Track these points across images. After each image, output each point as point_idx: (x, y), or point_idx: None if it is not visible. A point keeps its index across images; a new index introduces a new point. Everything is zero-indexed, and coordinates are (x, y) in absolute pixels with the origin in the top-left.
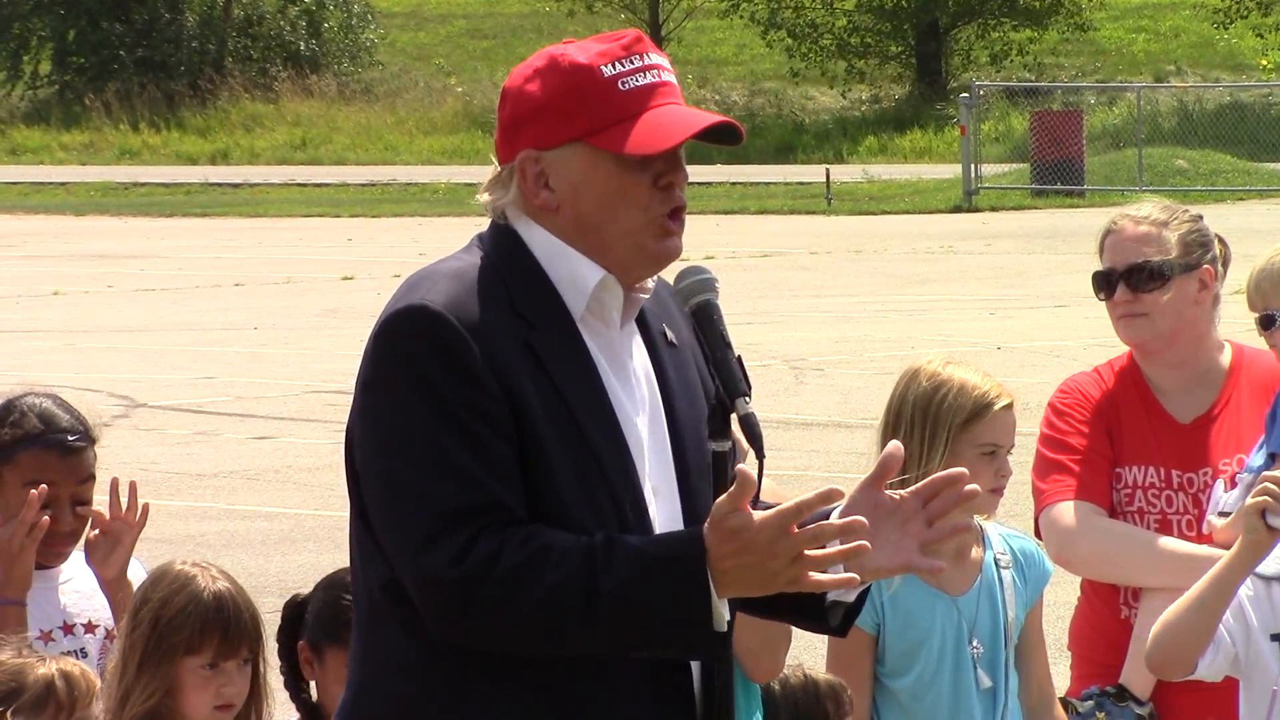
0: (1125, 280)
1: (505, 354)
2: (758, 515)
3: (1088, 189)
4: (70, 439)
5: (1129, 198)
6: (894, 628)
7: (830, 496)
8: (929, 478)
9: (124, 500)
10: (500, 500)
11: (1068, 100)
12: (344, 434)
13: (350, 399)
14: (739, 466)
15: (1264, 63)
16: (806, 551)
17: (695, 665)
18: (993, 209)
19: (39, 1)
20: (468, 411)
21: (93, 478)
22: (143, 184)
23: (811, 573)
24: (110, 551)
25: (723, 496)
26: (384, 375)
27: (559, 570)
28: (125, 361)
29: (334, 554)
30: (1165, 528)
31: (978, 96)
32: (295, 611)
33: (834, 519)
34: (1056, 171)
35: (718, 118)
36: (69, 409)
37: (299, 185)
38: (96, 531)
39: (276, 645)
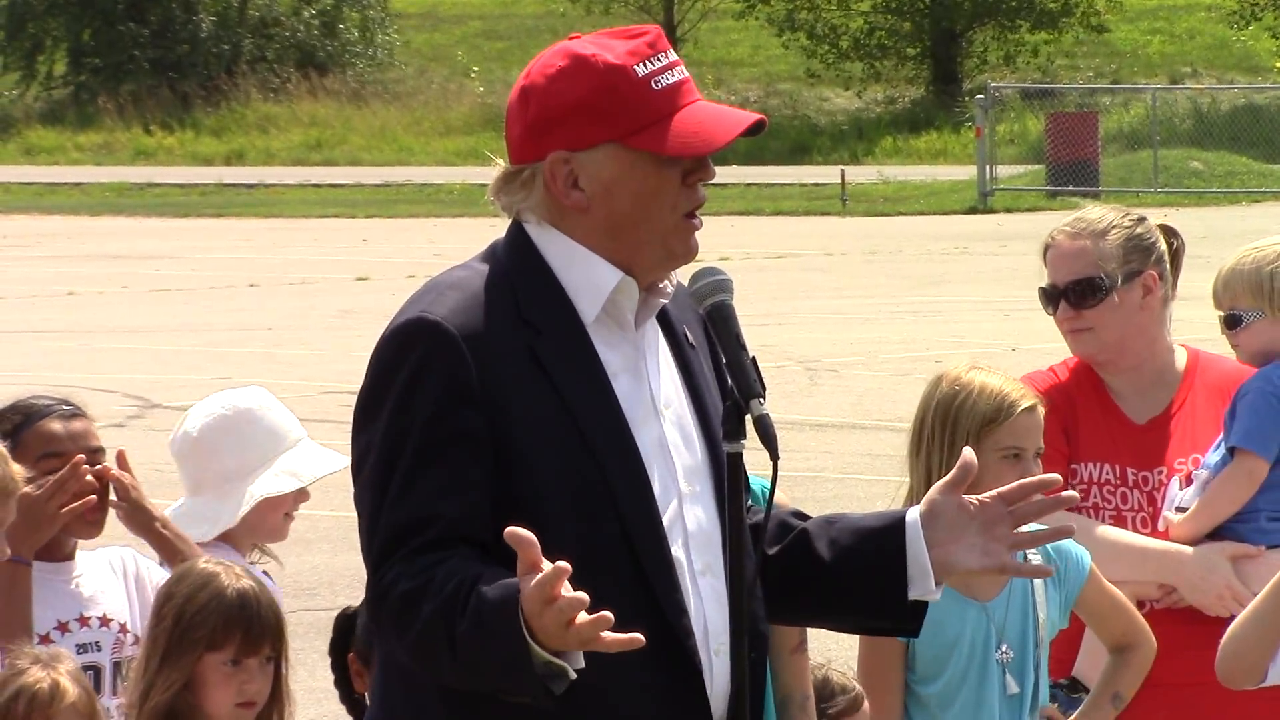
0: (1065, 296)
1: (505, 365)
2: (530, 582)
3: (1103, 191)
4: (64, 408)
5: (1144, 199)
6: (923, 635)
7: (559, 573)
8: (1019, 481)
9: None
10: (444, 517)
11: (1083, 102)
12: None
13: None
14: (509, 529)
15: (1278, 64)
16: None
17: (715, 670)
18: (1008, 210)
19: (54, 2)
20: (440, 430)
21: (101, 450)
22: (158, 184)
23: (580, 635)
24: (129, 518)
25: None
26: (370, 390)
27: (431, 604)
28: (140, 362)
29: (348, 555)
30: (1120, 524)
31: (993, 98)
32: (346, 623)
33: (912, 516)
34: (1072, 173)
35: (752, 116)
36: (56, 396)
37: (314, 186)
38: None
39: (329, 657)
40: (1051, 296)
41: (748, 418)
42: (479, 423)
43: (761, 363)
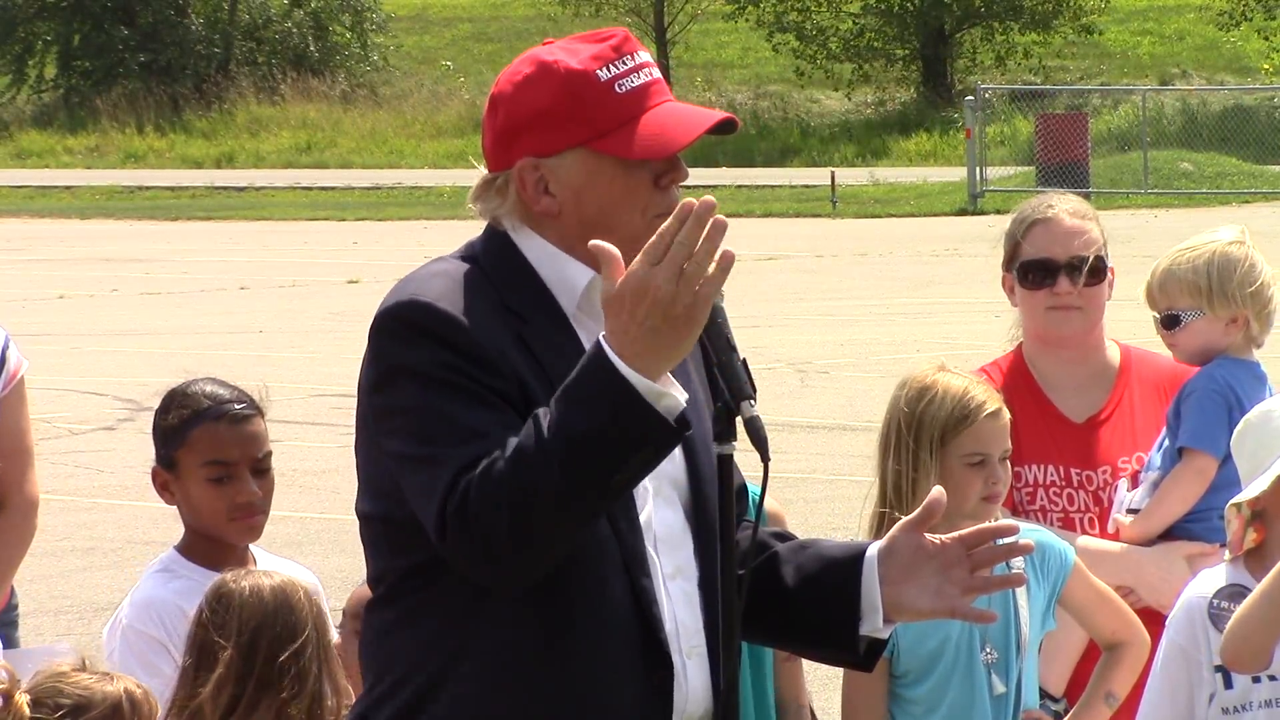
0: (1069, 271)
1: (501, 345)
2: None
3: (1093, 192)
4: (238, 408)
5: (1134, 200)
6: (907, 645)
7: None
8: (976, 526)
9: None
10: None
11: (1073, 103)
12: (353, 447)
13: (355, 404)
14: (593, 243)
15: (1267, 66)
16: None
17: (688, 672)
18: (998, 212)
19: (44, 5)
20: (475, 384)
21: (269, 452)
22: (148, 188)
23: (701, 286)
24: None
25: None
26: (388, 372)
27: (513, 448)
28: (130, 365)
29: (340, 558)
30: (1068, 525)
31: (983, 99)
32: None
33: (871, 551)
34: (1062, 174)
35: (718, 115)
36: (230, 385)
37: (304, 189)
38: None
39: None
40: (1048, 270)
41: (738, 419)
42: (513, 385)
43: (752, 364)
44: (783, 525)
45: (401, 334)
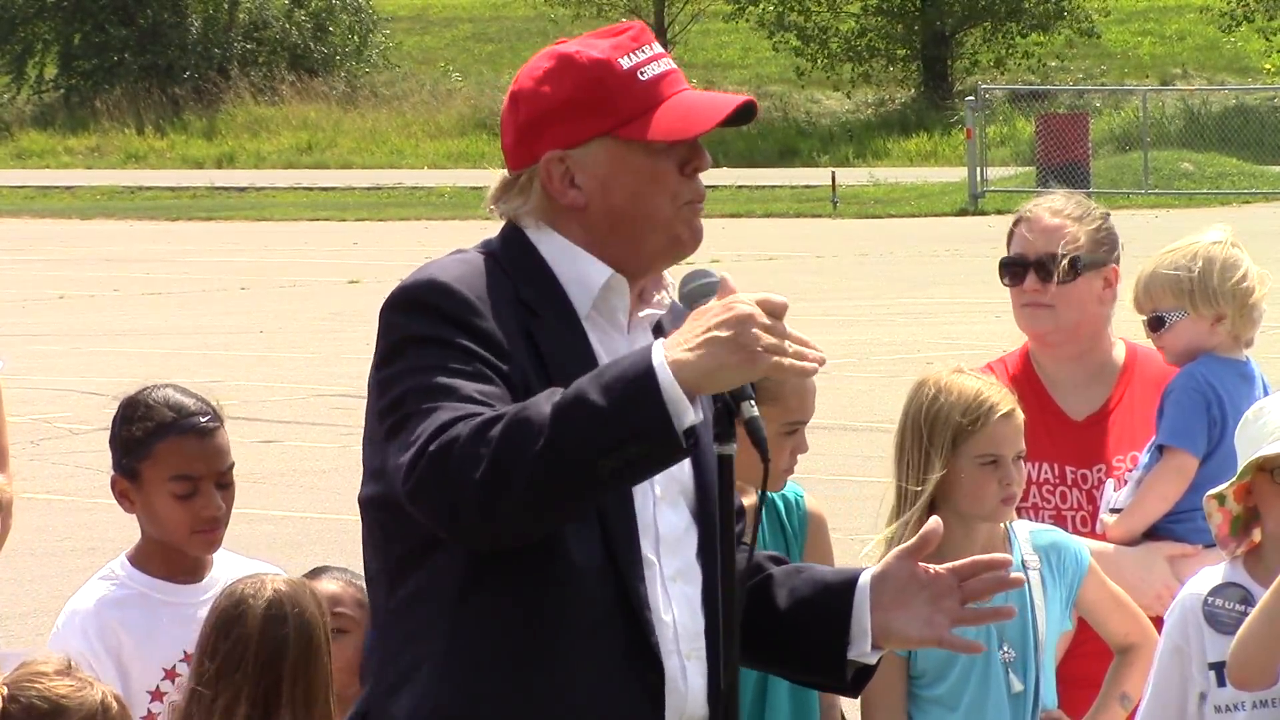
0: (1036, 269)
1: (510, 335)
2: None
3: (1093, 192)
4: (203, 420)
5: (1134, 201)
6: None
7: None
8: (970, 558)
9: None
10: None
11: (1074, 103)
12: (361, 439)
13: (355, 404)
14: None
15: (1268, 66)
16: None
17: (688, 673)
18: (999, 212)
19: (44, 5)
20: (484, 364)
21: (232, 464)
22: (148, 188)
23: (770, 347)
24: None
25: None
26: (399, 343)
27: (515, 410)
28: (131, 365)
29: (340, 558)
30: (1060, 524)
31: (984, 100)
32: None
33: (864, 579)
34: (1062, 175)
35: (740, 98)
36: (192, 394)
37: (305, 189)
38: None
39: None
40: (1019, 267)
41: (738, 420)
42: (511, 369)
43: None
44: (823, 527)
45: (415, 310)
